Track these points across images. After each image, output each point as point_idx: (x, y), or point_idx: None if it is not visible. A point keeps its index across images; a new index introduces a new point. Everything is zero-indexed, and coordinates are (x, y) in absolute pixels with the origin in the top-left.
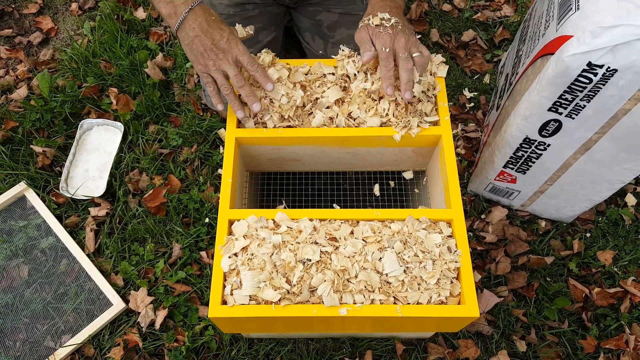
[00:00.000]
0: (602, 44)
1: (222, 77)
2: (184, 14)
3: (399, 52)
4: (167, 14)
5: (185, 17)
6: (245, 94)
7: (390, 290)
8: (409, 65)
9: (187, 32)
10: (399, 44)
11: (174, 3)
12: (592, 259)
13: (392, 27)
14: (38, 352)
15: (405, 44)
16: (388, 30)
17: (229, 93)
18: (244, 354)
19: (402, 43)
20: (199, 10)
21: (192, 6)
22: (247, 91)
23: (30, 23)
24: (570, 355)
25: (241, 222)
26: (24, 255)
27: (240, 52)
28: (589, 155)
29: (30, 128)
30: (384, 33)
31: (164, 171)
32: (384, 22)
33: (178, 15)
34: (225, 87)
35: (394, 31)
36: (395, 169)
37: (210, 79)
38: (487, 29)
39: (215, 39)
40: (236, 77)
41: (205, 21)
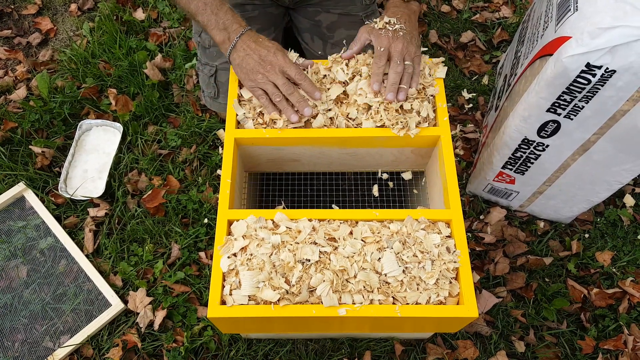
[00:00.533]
0: (601, 45)
1: (272, 87)
2: (235, 39)
3: (393, 55)
4: (222, 41)
5: (237, 41)
6: (296, 100)
7: (389, 290)
8: (398, 68)
9: (238, 54)
10: (396, 47)
11: (227, 30)
12: (591, 259)
13: (394, 32)
14: (37, 353)
15: (402, 49)
16: (389, 33)
17: (281, 100)
18: (243, 354)
19: (399, 48)
20: (248, 34)
21: (243, 32)
22: (298, 97)
23: (30, 24)
24: (568, 355)
25: (240, 223)
26: (23, 255)
27: (287, 64)
28: (587, 156)
29: (29, 129)
30: (383, 35)
31: (163, 172)
32: (388, 26)
33: (231, 41)
34: (276, 95)
35: (394, 35)
36: (394, 169)
37: (261, 92)
38: (485, 30)
39: (263, 54)
40: (285, 85)
41: (254, 42)
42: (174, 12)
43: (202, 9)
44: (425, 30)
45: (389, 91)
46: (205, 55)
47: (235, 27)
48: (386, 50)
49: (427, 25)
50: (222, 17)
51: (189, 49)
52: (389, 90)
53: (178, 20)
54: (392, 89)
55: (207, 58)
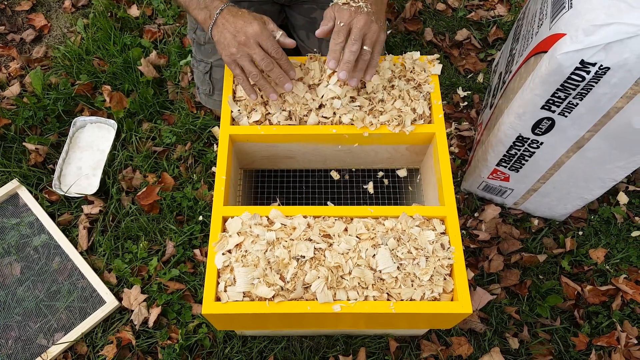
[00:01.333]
0: (595, 42)
1: (248, 63)
2: (216, 15)
3: (352, 31)
4: (203, 19)
5: (217, 17)
6: (275, 76)
7: (383, 286)
8: (353, 47)
9: (217, 29)
10: (357, 23)
11: (208, 8)
12: (584, 257)
13: (357, 7)
14: (30, 350)
15: (362, 26)
16: (351, 8)
17: (259, 79)
18: (238, 351)
19: (360, 24)
20: (228, 9)
21: (223, 7)
22: (278, 72)
23: (23, 20)
24: (562, 352)
25: (235, 219)
26: (16, 253)
27: (263, 35)
28: (581, 153)
29: (23, 125)
30: (346, 10)
31: (157, 169)
32: (351, 2)
33: (212, 18)
34: (253, 75)
35: (357, 10)
36: (389, 166)
37: (238, 69)
38: (480, 28)
39: (239, 25)
40: (263, 60)
41: (232, 15)
42: (168, 9)
43: None
44: (421, 28)
45: (342, 69)
46: (200, 52)
47: (216, 3)
48: (346, 26)
49: (423, 23)
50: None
51: (183, 46)
52: (342, 69)
53: (173, 17)
54: (345, 67)
55: (202, 55)
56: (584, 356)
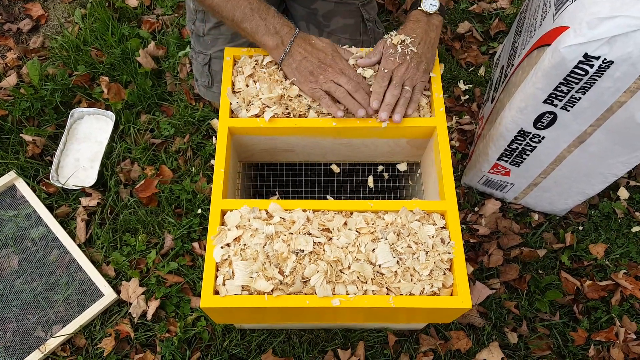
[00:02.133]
0: (599, 35)
1: (335, 86)
2: (289, 43)
3: (393, 79)
4: (274, 46)
5: (291, 44)
6: (361, 98)
7: (383, 281)
8: (395, 91)
9: (294, 58)
10: (397, 72)
11: (279, 34)
12: (584, 252)
13: (403, 54)
14: (28, 342)
15: (403, 74)
16: (396, 56)
17: (345, 96)
18: (236, 344)
19: (400, 72)
20: (300, 37)
21: (295, 35)
22: (363, 94)
23: (20, 10)
24: (560, 347)
25: (234, 213)
26: (14, 245)
27: (346, 67)
28: (583, 148)
29: (20, 117)
30: (391, 58)
31: (155, 161)
32: (401, 46)
33: (285, 45)
34: (340, 91)
35: (402, 60)
36: (389, 160)
37: (323, 93)
38: (482, 21)
39: (321, 57)
40: (349, 83)
41: (309, 44)
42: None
43: (250, 16)
44: None
45: (383, 110)
46: (199, 44)
47: (286, 30)
48: (389, 73)
49: None
50: (271, 22)
51: (182, 37)
52: (383, 110)
53: (171, 7)
54: (385, 108)
55: (201, 46)
56: (582, 351)
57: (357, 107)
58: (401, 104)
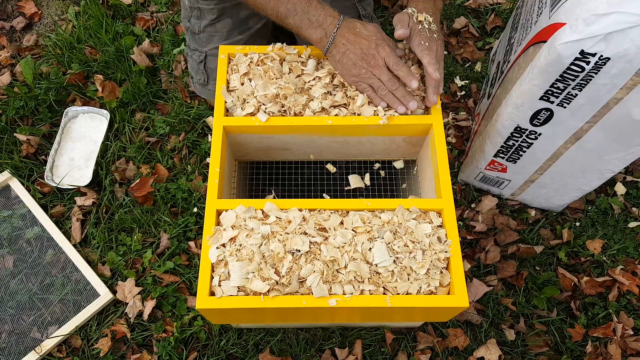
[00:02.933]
0: (595, 31)
1: (377, 81)
2: (333, 34)
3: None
4: (319, 39)
5: (335, 36)
6: (401, 95)
7: (379, 280)
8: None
9: (337, 49)
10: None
11: (323, 27)
12: (581, 248)
13: (430, 31)
14: (24, 343)
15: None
16: (426, 32)
17: (387, 93)
18: (233, 344)
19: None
20: (344, 26)
21: (338, 24)
22: (403, 92)
23: (13, 7)
24: (558, 343)
25: (229, 213)
26: (9, 245)
27: (387, 54)
28: (579, 144)
29: (14, 116)
30: (423, 32)
31: (151, 160)
32: (424, 24)
33: (328, 37)
34: (382, 89)
35: (431, 35)
36: (385, 158)
37: (366, 86)
38: (479, 16)
39: (364, 48)
40: (390, 81)
41: (352, 34)
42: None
43: (292, 11)
44: None
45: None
46: (194, 41)
47: (329, 21)
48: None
49: None
50: (314, 14)
51: (177, 34)
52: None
53: (166, 4)
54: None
55: (196, 44)
56: (580, 347)
57: (397, 104)
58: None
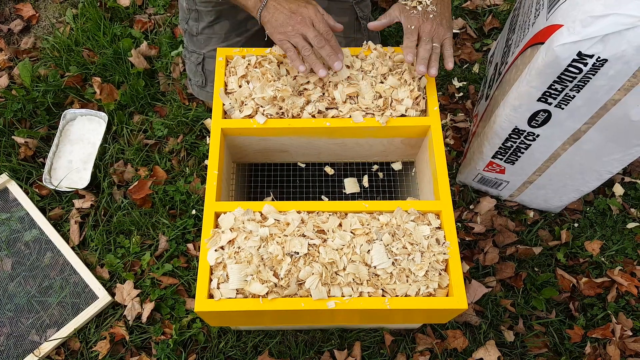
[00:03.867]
0: (592, 33)
1: (302, 40)
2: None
3: (421, 35)
4: (253, 5)
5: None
6: (326, 54)
7: (378, 282)
8: (427, 46)
9: (268, 11)
10: (424, 29)
11: None
12: (580, 249)
13: (424, 13)
14: (23, 346)
15: (430, 30)
16: (419, 14)
17: (310, 54)
18: (232, 346)
19: (427, 29)
20: None
21: None
22: (329, 50)
23: (11, 10)
24: (557, 344)
25: (228, 215)
26: (7, 248)
27: (317, 17)
28: (577, 145)
29: (12, 118)
30: (413, 15)
31: (149, 162)
32: (419, 7)
33: (262, 1)
34: (306, 49)
35: (424, 16)
36: (383, 160)
37: (290, 45)
38: (476, 18)
39: (293, 8)
40: (316, 38)
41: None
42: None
43: None
44: None
45: (420, 64)
46: (192, 43)
47: None
48: (416, 29)
49: None
50: None
51: (175, 36)
52: (420, 63)
53: (164, 6)
54: (422, 62)
55: (194, 46)
56: (579, 348)
57: (319, 67)
58: (433, 58)
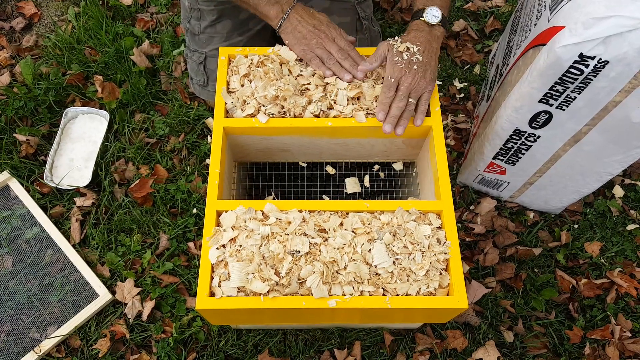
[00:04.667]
0: (594, 35)
1: (326, 53)
2: (288, 9)
3: (399, 89)
4: (275, 15)
5: (290, 11)
6: (349, 65)
7: (379, 281)
8: (400, 103)
9: (290, 22)
10: (404, 82)
11: (280, 3)
12: (580, 250)
13: (408, 63)
14: (23, 344)
15: (410, 84)
16: (402, 64)
17: (334, 63)
18: (232, 345)
19: (407, 82)
20: (300, 5)
21: (294, 3)
22: (351, 62)
23: (13, 8)
24: (556, 345)
25: (229, 213)
26: (8, 245)
27: (339, 36)
28: (578, 147)
29: (14, 116)
30: (397, 65)
31: (150, 161)
32: (406, 54)
33: (284, 12)
34: (330, 59)
35: (408, 68)
36: (385, 160)
37: (314, 55)
38: (478, 19)
39: (316, 24)
40: (339, 52)
41: (306, 13)
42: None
43: None
44: None
45: (387, 123)
46: (194, 42)
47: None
48: (396, 82)
49: None
50: None
51: (177, 35)
52: (387, 122)
53: (166, 5)
54: (390, 121)
55: (196, 45)
56: (578, 349)
57: (343, 73)
58: (405, 117)
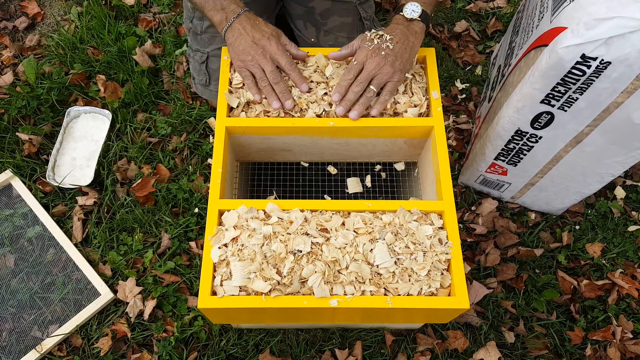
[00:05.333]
0: (596, 36)
1: (260, 71)
2: (232, 18)
3: (362, 71)
4: (219, 21)
5: (234, 21)
6: (280, 90)
7: (380, 281)
8: (356, 88)
9: (232, 33)
10: (368, 66)
11: (225, 11)
12: (581, 251)
13: (377, 47)
14: (25, 342)
15: (373, 69)
16: (370, 48)
17: (267, 85)
18: (234, 344)
19: (371, 67)
20: (246, 15)
21: (240, 12)
22: (283, 87)
23: (16, 7)
24: (557, 346)
25: (231, 213)
26: (10, 244)
27: (279, 52)
28: (580, 148)
29: (16, 115)
30: (364, 49)
31: (152, 160)
32: (377, 40)
33: (228, 20)
34: (263, 80)
35: (375, 53)
36: (386, 160)
37: (248, 73)
38: (479, 20)
39: (256, 37)
40: (272, 73)
41: (250, 24)
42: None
43: None
44: None
45: (340, 105)
46: (196, 42)
47: (232, 7)
48: (359, 64)
49: None
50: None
51: (179, 35)
52: (341, 105)
53: (168, 5)
54: (344, 104)
55: (198, 44)
56: (579, 350)
57: (273, 98)
58: (361, 102)
